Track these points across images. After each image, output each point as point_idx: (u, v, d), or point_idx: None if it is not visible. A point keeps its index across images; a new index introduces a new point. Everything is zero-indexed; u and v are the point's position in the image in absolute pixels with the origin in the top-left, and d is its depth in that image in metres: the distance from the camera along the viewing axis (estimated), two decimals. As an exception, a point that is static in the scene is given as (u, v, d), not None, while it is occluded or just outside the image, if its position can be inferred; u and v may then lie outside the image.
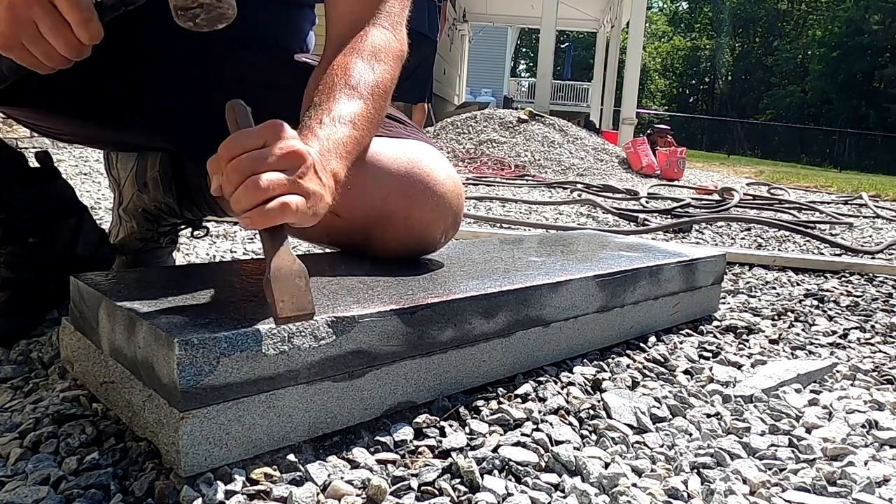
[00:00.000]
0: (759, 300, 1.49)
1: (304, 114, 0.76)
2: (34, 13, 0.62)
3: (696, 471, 0.68)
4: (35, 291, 0.97)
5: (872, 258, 2.20)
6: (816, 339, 1.21)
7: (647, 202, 3.62)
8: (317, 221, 0.65)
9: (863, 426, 0.82)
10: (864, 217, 3.82)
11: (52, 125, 1.03)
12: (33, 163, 1.01)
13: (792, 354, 1.11)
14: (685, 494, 0.63)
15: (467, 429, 0.72)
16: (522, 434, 0.72)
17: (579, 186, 4.23)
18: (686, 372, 0.97)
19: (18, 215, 0.96)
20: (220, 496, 0.56)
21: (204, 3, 0.61)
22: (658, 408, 0.82)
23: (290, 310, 0.60)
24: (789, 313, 1.38)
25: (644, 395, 0.86)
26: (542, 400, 0.81)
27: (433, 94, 6.04)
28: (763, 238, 2.62)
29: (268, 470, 0.60)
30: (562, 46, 25.52)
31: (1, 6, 0.62)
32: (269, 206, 0.59)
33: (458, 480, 0.62)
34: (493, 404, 0.78)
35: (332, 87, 0.78)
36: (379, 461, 0.64)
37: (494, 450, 0.68)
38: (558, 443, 0.71)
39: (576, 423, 0.76)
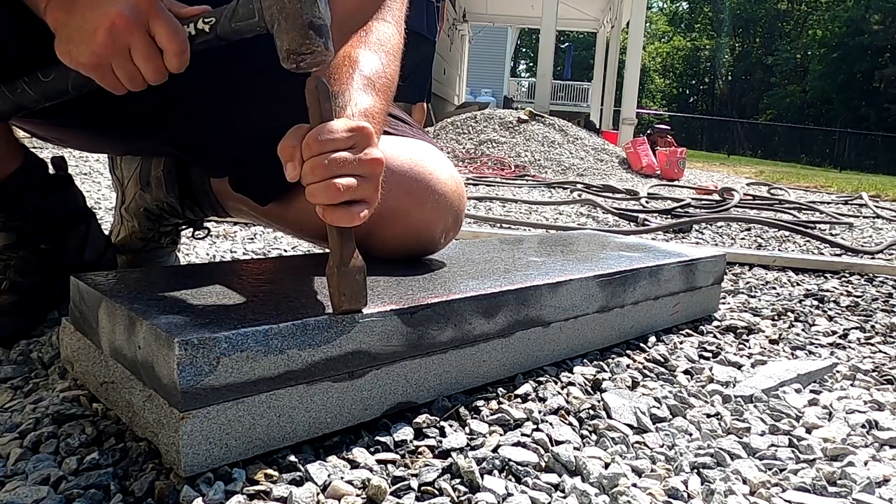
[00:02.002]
0: (759, 300, 1.49)
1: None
2: (132, 39, 0.62)
3: (696, 471, 0.68)
4: (42, 296, 0.98)
5: (872, 258, 2.20)
6: (816, 339, 1.21)
7: (647, 202, 3.62)
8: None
9: (863, 426, 0.82)
10: (864, 217, 3.82)
11: (60, 134, 1.03)
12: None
13: (792, 354, 1.11)
14: (685, 494, 0.63)
15: (467, 429, 0.72)
16: (522, 434, 0.72)
17: (579, 186, 4.23)
18: (686, 372, 0.97)
19: (34, 222, 0.96)
20: (220, 496, 0.56)
21: (315, 50, 0.63)
22: (658, 408, 0.82)
23: (349, 302, 0.66)
24: (789, 313, 1.38)
25: (644, 395, 0.86)
26: (542, 400, 0.81)
27: (433, 94, 6.05)
28: (763, 238, 2.62)
29: (268, 470, 0.60)
30: (562, 46, 25.51)
31: (101, 30, 0.61)
32: (343, 211, 0.64)
33: (458, 480, 0.62)
34: (493, 404, 0.78)
35: (346, 78, 0.79)
36: (379, 461, 0.64)
37: (494, 450, 0.68)
38: (558, 443, 0.71)
39: (576, 423, 0.76)
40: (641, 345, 1.05)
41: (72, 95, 0.71)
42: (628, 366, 0.96)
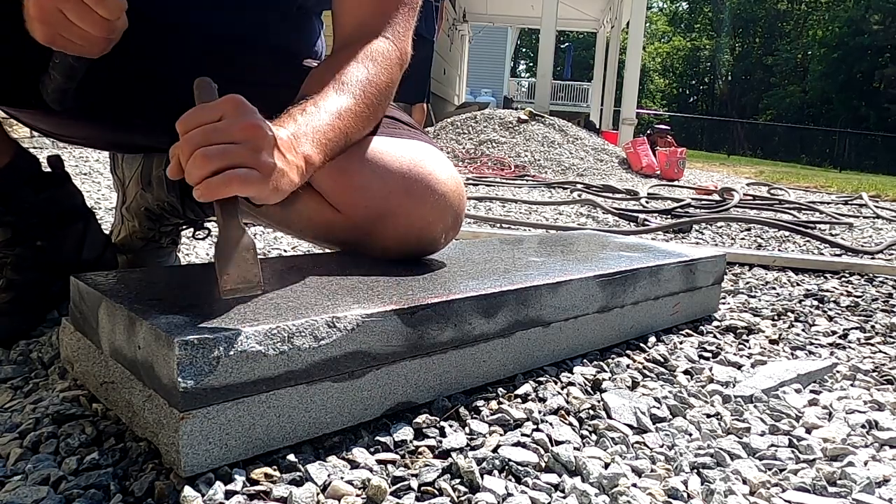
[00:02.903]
0: (759, 300, 1.49)
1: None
2: (58, 3, 0.66)
3: (696, 471, 0.68)
4: (39, 293, 0.98)
5: (872, 258, 2.20)
6: (816, 339, 1.21)
7: (647, 202, 3.62)
8: (280, 198, 0.67)
9: (863, 426, 0.82)
10: (864, 217, 3.82)
11: (57, 128, 1.03)
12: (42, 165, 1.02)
13: (792, 354, 1.11)
14: (685, 494, 0.63)
15: (467, 429, 0.72)
16: (522, 434, 0.72)
17: (579, 186, 4.23)
18: (686, 372, 0.97)
19: (28, 219, 0.96)
20: (220, 496, 0.56)
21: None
22: (658, 408, 0.82)
23: (235, 282, 0.61)
24: (789, 313, 1.38)
25: (644, 395, 0.86)
26: (542, 400, 0.81)
27: (432, 94, 6.05)
28: (763, 238, 2.62)
29: (268, 470, 0.60)
30: (562, 46, 25.52)
31: (28, 4, 0.66)
32: (215, 178, 0.60)
33: (458, 480, 0.62)
34: (493, 404, 0.78)
35: (321, 83, 0.80)
36: (379, 461, 0.64)
37: (494, 450, 0.68)
38: (558, 443, 0.71)
39: (576, 423, 0.76)
40: (641, 345, 1.05)
41: (81, 70, 0.77)
42: (628, 366, 0.96)
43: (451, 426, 0.72)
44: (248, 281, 0.61)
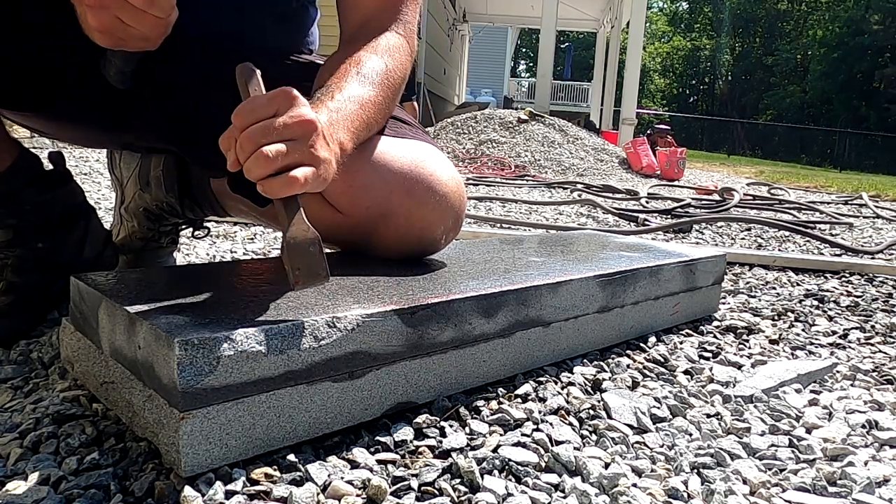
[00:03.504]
0: (759, 300, 1.49)
1: (314, 94, 0.79)
2: (115, 12, 0.67)
3: (696, 471, 0.68)
4: (39, 295, 0.97)
5: (872, 258, 2.20)
6: (816, 339, 1.21)
7: (647, 202, 3.62)
8: (325, 186, 0.68)
9: (863, 426, 0.82)
10: (865, 217, 3.82)
11: (55, 129, 1.03)
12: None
13: (792, 354, 1.11)
14: (685, 494, 0.63)
15: (467, 429, 0.72)
16: (522, 434, 0.72)
17: (579, 186, 4.23)
18: (686, 372, 0.97)
19: (30, 220, 0.96)
20: (220, 496, 0.56)
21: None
22: (658, 408, 0.82)
23: (305, 277, 0.64)
24: (789, 313, 1.38)
25: (644, 395, 0.86)
26: (543, 400, 0.81)
27: (433, 94, 6.05)
28: (763, 238, 2.62)
29: (268, 470, 0.60)
30: (562, 46, 25.51)
31: (87, 16, 0.68)
32: (279, 179, 0.62)
33: (458, 480, 0.62)
34: (494, 404, 0.78)
35: (343, 74, 0.81)
36: (379, 461, 0.64)
37: (494, 450, 0.68)
38: (558, 443, 0.71)
39: (576, 423, 0.76)
40: (641, 345, 1.05)
41: (139, 54, 0.80)
42: (628, 366, 0.96)
43: (451, 426, 0.72)
44: (317, 274, 0.64)
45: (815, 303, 1.51)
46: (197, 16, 0.95)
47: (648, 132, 7.44)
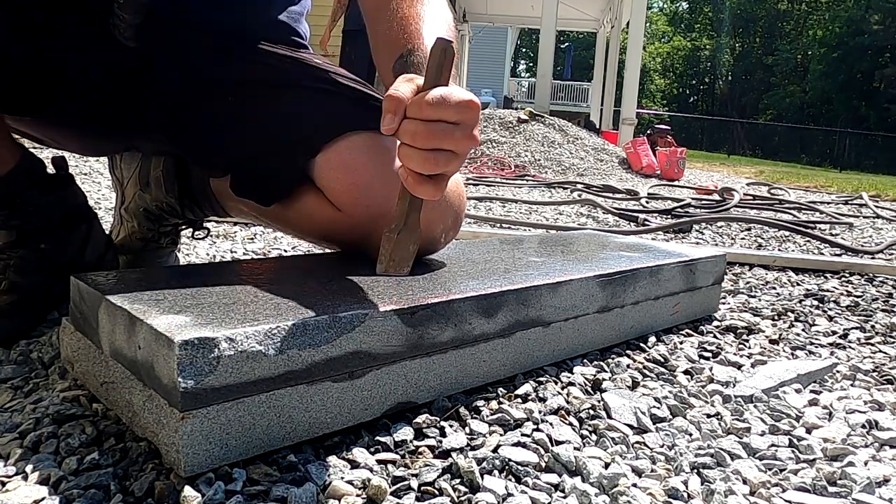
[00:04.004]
0: (759, 300, 1.49)
1: (397, 63, 0.77)
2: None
3: (696, 471, 0.68)
4: (41, 296, 0.98)
5: (872, 258, 2.20)
6: (816, 339, 1.21)
7: (647, 202, 3.62)
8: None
9: (863, 426, 0.82)
10: (865, 217, 3.82)
11: (59, 137, 1.03)
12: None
13: (792, 354, 1.11)
14: (685, 494, 0.63)
15: (467, 429, 0.72)
16: (522, 434, 0.72)
17: (579, 186, 4.23)
18: (686, 372, 0.97)
19: (33, 222, 0.96)
20: (221, 496, 0.56)
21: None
22: (658, 408, 0.82)
23: (393, 267, 0.70)
24: (789, 313, 1.38)
25: (644, 395, 0.86)
26: (543, 400, 0.81)
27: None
28: (763, 238, 2.62)
29: (268, 470, 0.60)
30: (562, 46, 25.51)
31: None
32: (430, 185, 0.64)
33: (458, 480, 0.62)
34: (494, 404, 0.78)
35: (420, 36, 0.79)
36: (379, 461, 0.64)
37: (494, 450, 0.68)
38: (558, 443, 0.71)
39: (576, 423, 0.76)
40: (641, 345, 1.05)
41: (147, 4, 0.84)
42: (628, 366, 0.96)
43: (451, 426, 0.72)
44: (402, 268, 0.71)
45: (815, 303, 1.51)
46: (202, 9, 0.95)
47: (648, 132, 7.44)
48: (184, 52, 0.95)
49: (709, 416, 0.82)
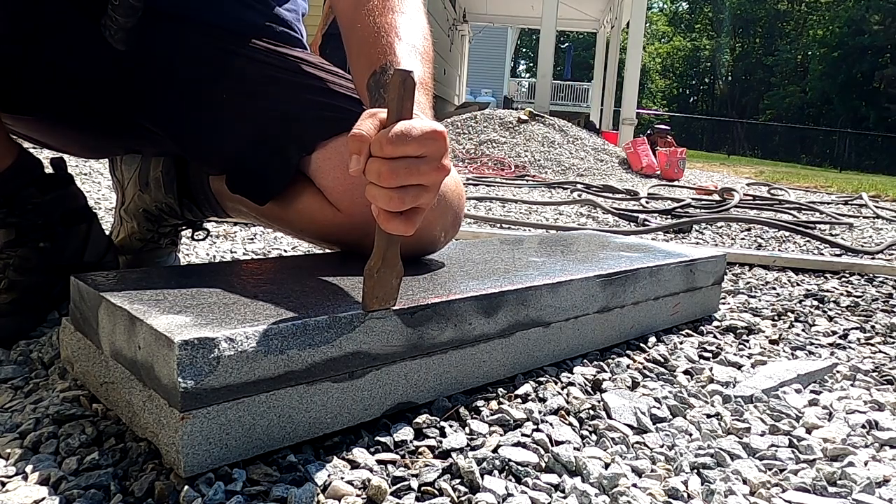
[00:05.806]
0: (759, 300, 1.49)
1: (370, 80, 0.77)
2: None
3: (696, 471, 0.68)
4: (41, 295, 0.98)
5: (872, 258, 2.20)
6: (816, 339, 1.21)
7: (647, 202, 3.62)
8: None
9: (863, 426, 0.82)
10: (865, 217, 3.82)
11: (58, 138, 1.03)
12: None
13: (792, 355, 1.11)
14: (685, 495, 0.63)
15: (467, 429, 0.72)
16: (522, 434, 0.72)
17: (579, 187, 4.23)
18: (686, 372, 0.97)
19: (32, 220, 0.96)
20: (221, 496, 0.56)
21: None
22: (658, 408, 0.82)
23: (378, 304, 0.69)
24: (789, 313, 1.38)
25: (644, 395, 0.86)
26: (543, 400, 0.81)
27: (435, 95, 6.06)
28: (763, 238, 2.62)
29: (268, 470, 0.60)
30: (562, 46, 25.52)
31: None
32: (404, 221, 0.61)
33: (458, 481, 0.62)
34: (494, 404, 0.78)
35: (393, 48, 0.78)
36: (379, 461, 0.64)
37: (494, 450, 0.68)
38: (558, 443, 0.71)
39: (576, 423, 0.76)
40: (641, 345, 1.05)
41: (140, 7, 0.84)
42: (628, 366, 0.96)
43: (451, 426, 0.72)
44: (388, 303, 0.70)
45: (815, 303, 1.51)
46: (199, 3, 0.95)
47: (648, 132, 7.44)
48: (180, 47, 0.94)
49: (709, 416, 0.82)
